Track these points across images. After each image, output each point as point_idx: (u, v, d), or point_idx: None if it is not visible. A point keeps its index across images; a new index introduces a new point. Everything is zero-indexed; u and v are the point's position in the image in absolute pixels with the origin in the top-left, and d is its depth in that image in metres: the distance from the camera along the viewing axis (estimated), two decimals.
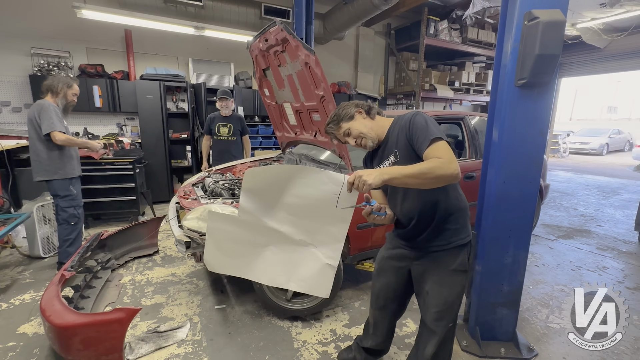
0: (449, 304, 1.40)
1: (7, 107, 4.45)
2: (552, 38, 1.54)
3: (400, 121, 1.37)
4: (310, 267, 1.29)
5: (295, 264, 1.32)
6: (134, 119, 5.20)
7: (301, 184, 1.22)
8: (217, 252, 1.38)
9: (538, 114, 1.74)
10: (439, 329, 1.43)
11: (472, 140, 3.04)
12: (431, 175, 1.14)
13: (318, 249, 1.27)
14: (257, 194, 1.30)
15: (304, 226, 1.27)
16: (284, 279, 1.34)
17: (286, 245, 1.32)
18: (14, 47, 4.37)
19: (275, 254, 1.35)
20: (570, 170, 9.77)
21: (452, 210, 1.37)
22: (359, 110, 1.43)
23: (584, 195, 6.44)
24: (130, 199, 4.15)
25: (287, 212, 1.28)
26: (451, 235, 1.37)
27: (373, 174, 1.13)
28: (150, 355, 1.92)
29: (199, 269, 3.02)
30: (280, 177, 1.26)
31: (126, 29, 4.93)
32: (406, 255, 1.49)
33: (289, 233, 1.30)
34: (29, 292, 2.59)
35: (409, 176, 1.14)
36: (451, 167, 1.14)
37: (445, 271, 1.39)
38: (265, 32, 2.34)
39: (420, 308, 1.50)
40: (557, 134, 12.65)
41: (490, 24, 7.54)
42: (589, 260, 3.36)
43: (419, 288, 1.48)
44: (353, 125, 1.41)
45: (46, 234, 3.18)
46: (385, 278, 1.58)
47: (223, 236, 1.37)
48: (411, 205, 1.38)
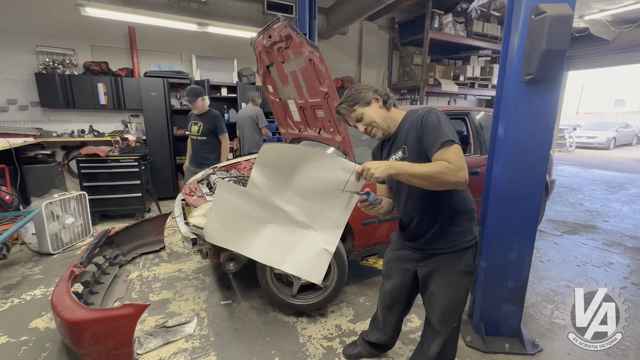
0: (453, 305, 1.40)
1: (13, 105, 4.50)
2: (559, 33, 1.52)
3: (412, 116, 1.33)
4: (307, 250, 1.31)
5: (293, 245, 1.34)
6: (139, 116, 5.23)
7: (313, 167, 1.24)
8: (219, 223, 1.39)
9: (544, 109, 1.72)
10: (443, 329, 1.44)
11: (477, 136, 3.02)
12: (437, 180, 1.13)
13: (317, 233, 1.29)
14: (269, 169, 1.32)
15: (307, 208, 1.29)
16: (279, 259, 1.35)
17: (287, 226, 1.34)
18: (19, 46, 4.40)
19: (276, 232, 1.36)
20: (576, 164, 9.67)
21: (457, 212, 1.35)
22: (377, 97, 1.36)
23: (590, 190, 6.38)
24: (136, 195, 4.19)
25: (294, 192, 1.30)
26: (456, 238, 1.35)
27: (381, 167, 1.13)
28: (158, 349, 1.96)
29: (205, 265, 3.05)
30: (294, 157, 1.28)
31: (130, 26, 4.93)
32: (411, 257, 1.48)
33: (292, 213, 1.31)
34: (40, 287, 2.64)
35: (414, 175, 1.13)
36: (459, 175, 1.13)
37: (450, 273, 1.38)
38: (269, 28, 2.33)
39: (425, 307, 1.51)
40: (563, 128, 12.50)
41: (495, 16, 7.42)
42: (594, 256, 3.34)
43: (424, 288, 1.48)
44: (367, 111, 1.35)
45: (55, 231, 3.23)
46: (392, 280, 1.59)
47: (228, 207, 1.38)
48: (414, 204, 1.37)
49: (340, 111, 1.39)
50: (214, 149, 3.65)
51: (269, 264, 1.35)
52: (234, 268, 2.16)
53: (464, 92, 7.72)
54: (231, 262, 2.16)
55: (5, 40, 4.33)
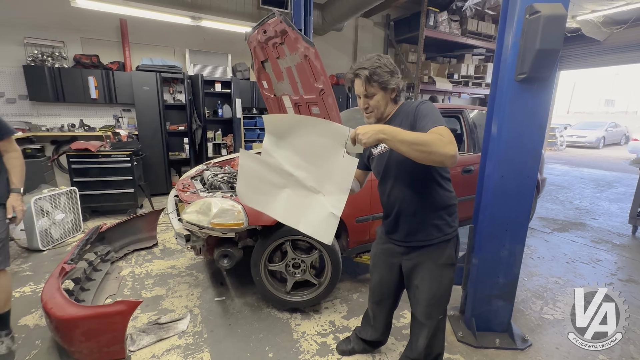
0: (437, 297, 1.43)
1: (1, 98, 4.38)
2: (553, 32, 1.53)
3: (406, 108, 1.36)
4: (318, 213, 1.37)
5: (305, 208, 1.41)
6: (131, 110, 5.15)
7: (312, 132, 1.29)
8: (246, 187, 1.51)
9: (537, 108, 1.75)
10: (429, 322, 1.46)
11: (471, 134, 3.04)
12: (425, 148, 1.07)
13: (325, 198, 1.35)
14: (276, 137, 1.39)
15: (314, 173, 1.35)
16: (295, 220, 1.43)
17: (299, 190, 1.41)
18: (6, 37, 4.28)
19: (291, 196, 1.44)
20: (566, 163, 9.83)
21: (439, 206, 1.38)
22: (394, 89, 1.35)
23: (580, 188, 6.50)
24: (128, 191, 4.14)
25: (301, 158, 1.36)
26: (435, 230, 1.38)
27: (369, 132, 1.10)
28: (151, 346, 1.95)
29: (199, 261, 3.04)
30: (294, 124, 1.33)
31: (121, 19, 4.83)
32: (395, 251, 1.51)
33: (301, 178, 1.38)
34: (29, 284, 2.60)
35: (403, 141, 1.08)
36: (449, 146, 1.08)
37: (433, 265, 1.41)
38: (264, 23, 2.31)
39: (410, 302, 1.53)
40: (554, 127, 12.67)
41: (490, 15, 7.46)
42: (583, 253, 3.41)
43: (408, 282, 1.51)
44: (381, 95, 1.33)
45: (44, 227, 3.18)
46: (379, 274, 1.62)
47: (250, 173, 1.49)
48: (398, 194, 1.39)
49: (357, 73, 1.32)
50: None
51: (288, 224, 1.44)
52: (228, 264, 2.15)
53: (458, 90, 7.77)
54: (225, 259, 2.15)
55: None
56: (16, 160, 1.82)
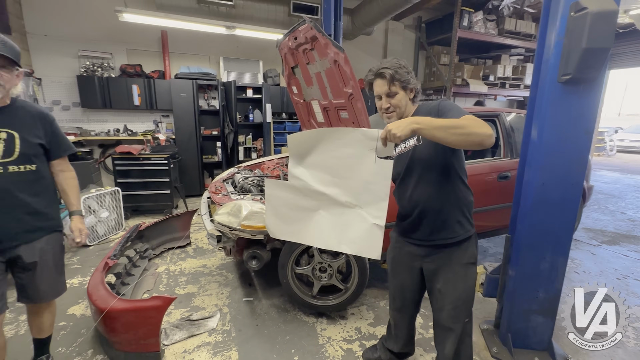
0: (463, 298, 1.38)
1: (57, 105, 4.84)
2: (602, 30, 1.42)
3: (425, 107, 1.38)
4: (359, 229, 1.31)
5: (344, 226, 1.35)
6: (169, 116, 5.46)
7: (339, 145, 1.26)
8: (275, 219, 1.47)
9: (583, 111, 1.62)
10: (456, 326, 1.40)
11: (508, 139, 2.89)
12: (464, 130, 1.08)
13: (364, 210, 1.29)
14: (302, 158, 1.36)
15: (348, 187, 1.30)
16: (336, 242, 1.37)
17: (334, 208, 1.36)
18: (64, 51, 4.74)
19: (325, 217, 1.39)
20: (617, 170, 9.01)
21: (460, 203, 1.36)
22: (413, 88, 1.38)
23: (633, 197, 5.92)
24: (165, 192, 4.38)
25: (331, 174, 1.32)
26: (459, 227, 1.36)
27: (402, 126, 1.10)
28: (183, 342, 2.03)
29: (229, 261, 3.13)
30: (318, 140, 1.31)
31: (162, 30, 5.17)
32: (416, 254, 1.46)
33: (334, 195, 1.33)
34: (77, 276, 2.82)
35: (439, 127, 1.09)
36: (486, 127, 1.09)
37: (457, 266, 1.37)
38: (295, 30, 2.35)
39: (433, 308, 1.47)
40: (603, 131, 11.72)
41: (530, 13, 7.07)
42: (637, 269, 3.10)
43: (431, 286, 1.45)
44: (402, 94, 1.36)
45: (91, 224, 3.44)
46: (399, 279, 1.57)
47: (278, 202, 1.45)
48: (422, 192, 1.36)
49: (385, 73, 1.33)
50: (44, 191, 1.65)
51: (328, 248, 1.39)
52: (256, 266, 2.20)
53: (494, 93, 7.41)
54: (254, 260, 2.20)
55: (52, 46, 4.67)
56: (73, 180, 1.75)
